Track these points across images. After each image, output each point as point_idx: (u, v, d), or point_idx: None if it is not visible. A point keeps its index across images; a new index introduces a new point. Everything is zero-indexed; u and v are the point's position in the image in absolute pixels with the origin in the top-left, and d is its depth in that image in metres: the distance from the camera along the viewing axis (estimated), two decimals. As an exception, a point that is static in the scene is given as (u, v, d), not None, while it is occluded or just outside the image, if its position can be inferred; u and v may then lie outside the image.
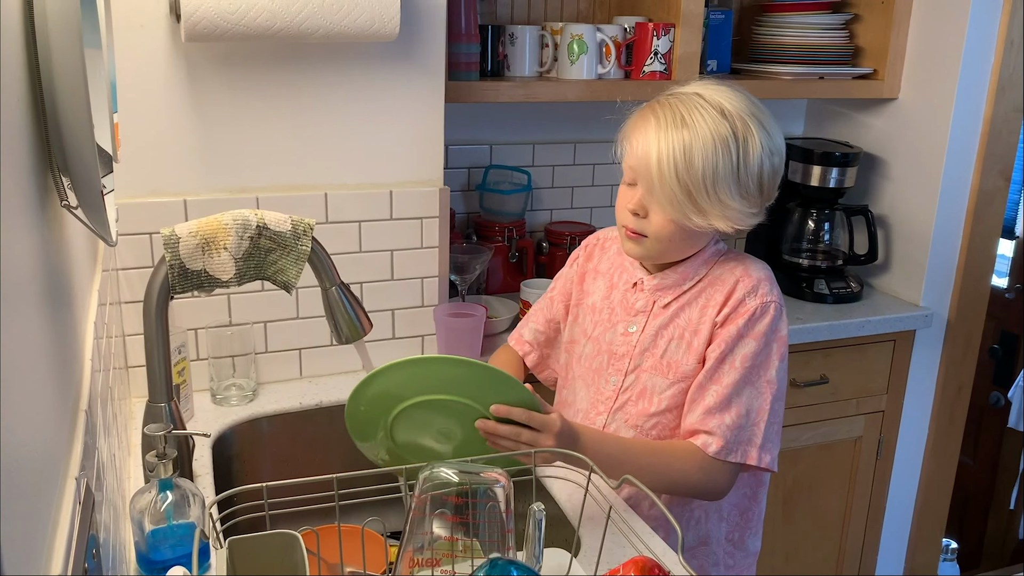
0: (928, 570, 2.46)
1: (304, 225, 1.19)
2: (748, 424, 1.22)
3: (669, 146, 1.16)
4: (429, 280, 1.72)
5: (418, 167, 1.67)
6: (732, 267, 1.27)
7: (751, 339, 1.22)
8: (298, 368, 1.67)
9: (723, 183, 1.16)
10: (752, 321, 1.22)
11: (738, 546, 1.36)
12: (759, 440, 1.22)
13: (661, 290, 1.29)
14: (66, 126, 0.63)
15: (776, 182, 1.23)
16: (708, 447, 1.21)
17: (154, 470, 1.04)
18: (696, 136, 1.15)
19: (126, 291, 1.50)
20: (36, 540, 0.52)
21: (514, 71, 1.97)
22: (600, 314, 1.36)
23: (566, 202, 2.29)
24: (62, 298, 0.74)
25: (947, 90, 2.06)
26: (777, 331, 1.24)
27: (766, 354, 1.23)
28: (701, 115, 1.17)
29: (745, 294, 1.23)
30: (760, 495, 1.36)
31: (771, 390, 1.23)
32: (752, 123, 1.18)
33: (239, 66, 1.50)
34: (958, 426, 2.33)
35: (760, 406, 1.23)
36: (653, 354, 1.28)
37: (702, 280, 1.27)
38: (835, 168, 2.18)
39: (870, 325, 2.09)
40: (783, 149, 1.23)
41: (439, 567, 0.96)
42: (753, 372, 1.22)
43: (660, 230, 1.22)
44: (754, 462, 1.22)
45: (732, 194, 1.17)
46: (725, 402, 1.21)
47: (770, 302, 1.23)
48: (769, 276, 1.26)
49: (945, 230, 2.14)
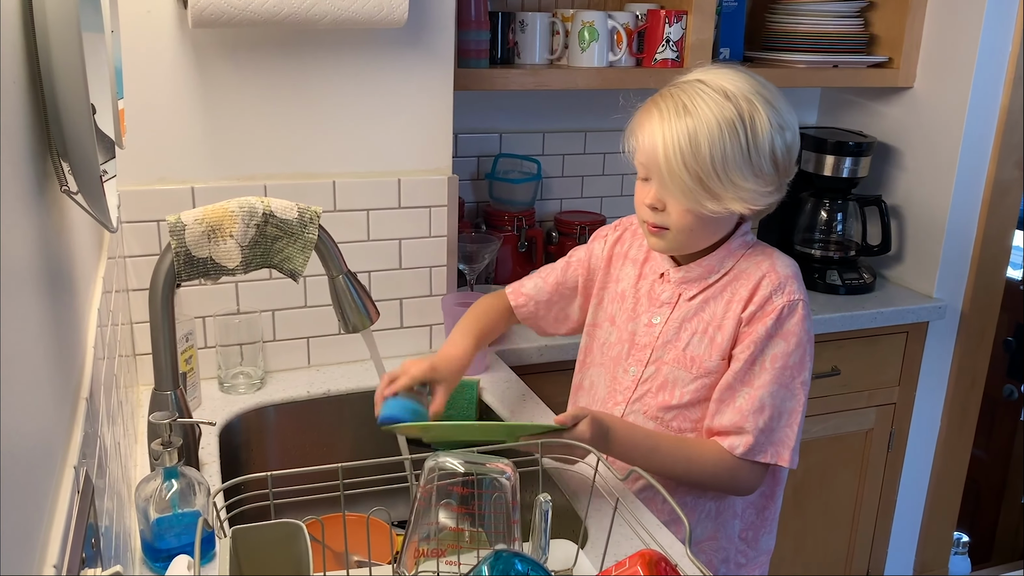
0: (939, 564, 2.44)
1: (311, 213, 1.19)
2: (780, 426, 1.21)
3: (674, 136, 1.14)
4: (437, 269, 1.71)
5: (427, 155, 1.66)
6: (759, 261, 1.25)
7: (780, 339, 1.20)
8: (306, 357, 1.67)
9: (733, 165, 1.14)
10: (780, 320, 1.20)
11: (751, 544, 1.35)
12: (792, 442, 1.22)
13: (687, 283, 1.28)
14: (64, 110, 0.62)
15: (793, 157, 1.20)
16: (735, 448, 1.20)
17: (159, 458, 1.04)
18: (700, 122, 1.14)
19: (133, 279, 1.50)
20: (31, 528, 0.51)
21: (524, 58, 1.95)
22: (626, 302, 1.35)
23: (576, 191, 2.28)
24: (62, 285, 0.74)
25: (963, 79, 2.03)
26: (807, 329, 1.22)
27: (799, 355, 1.21)
28: (703, 100, 1.15)
29: (772, 292, 1.21)
30: (777, 494, 1.34)
31: (805, 392, 1.22)
32: (757, 100, 1.16)
33: (247, 53, 1.49)
34: (971, 419, 2.31)
35: (793, 408, 1.21)
36: (676, 347, 1.27)
37: (728, 273, 1.25)
38: (848, 158, 2.15)
39: (883, 316, 2.07)
40: (795, 124, 1.20)
41: (444, 558, 0.95)
42: (786, 373, 1.21)
43: (680, 221, 1.20)
44: (786, 464, 1.22)
45: (745, 175, 1.15)
46: (758, 404, 1.20)
47: (797, 300, 1.21)
48: (796, 273, 1.24)
49: (960, 221, 2.12)
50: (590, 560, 1.08)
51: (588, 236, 2.13)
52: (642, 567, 0.73)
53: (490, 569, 0.70)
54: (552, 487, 1.27)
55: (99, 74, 0.76)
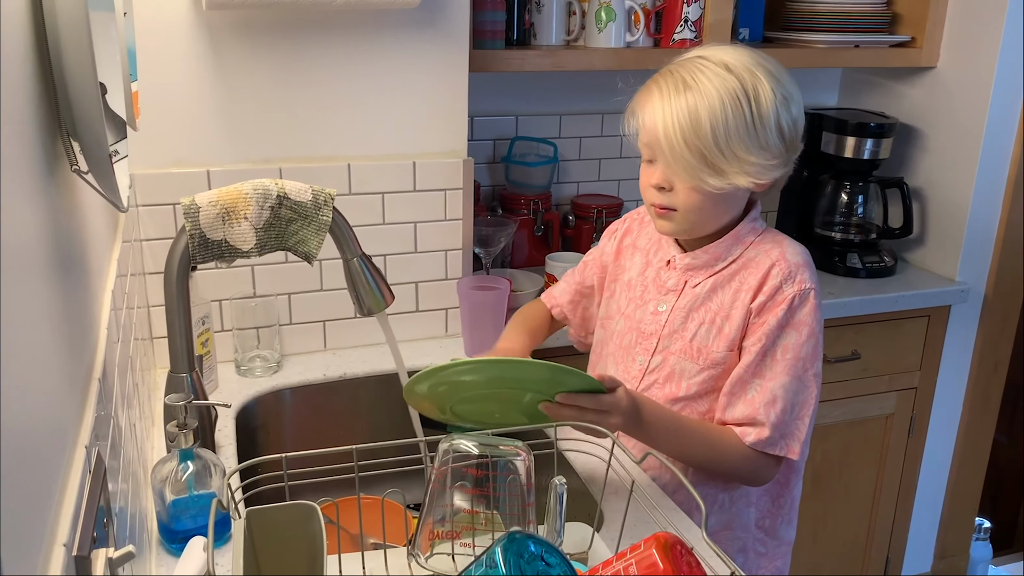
0: (960, 549, 2.42)
1: (325, 195, 1.18)
2: (792, 419, 1.19)
3: (673, 114, 1.13)
4: (453, 253, 1.70)
5: (442, 138, 1.65)
6: (768, 249, 1.22)
7: (792, 329, 1.18)
8: (322, 340, 1.67)
9: (736, 138, 1.12)
10: (792, 310, 1.18)
11: (770, 534, 1.33)
12: (803, 435, 1.20)
13: (693, 269, 1.25)
14: (73, 87, 0.61)
15: (799, 131, 1.18)
16: (747, 436, 1.19)
17: (175, 440, 1.04)
18: (700, 96, 1.12)
19: (150, 262, 1.50)
20: (42, 506, 0.51)
21: (540, 39, 1.94)
22: (634, 291, 1.33)
23: (593, 174, 2.26)
24: (73, 266, 0.73)
25: (988, 58, 1.99)
26: (818, 319, 1.19)
27: (811, 345, 1.19)
28: (704, 75, 1.13)
29: (782, 281, 1.18)
30: (792, 481, 1.32)
31: (817, 383, 1.20)
32: (760, 72, 1.14)
33: (261, 34, 1.49)
34: (993, 404, 2.28)
35: (805, 400, 1.19)
36: (682, 337, 1.24)
37: (736, 261, 1.22)
38: (870, 139, 2.12)
39: (904, 300, 2.04)
40: (799, 98, 1.18)
41: (459, 540, 0.95)
42: (798, 364, 1.18)
43: (687, 201, 1.17)
44: (795, 456, 1.20)
45: (749, 148, 1.13)
46: (770, 396, 1.18)
47: (809, 289, 1.18)
48: (807, 261, 1.21)
49: (983, 203, 2.08)
50: (605, 543, 1.07)
51: (605, 220, 2.14)
52: (657, 550, 0.72)
53: (504, 552, 0.69)
54: (567, 469, 1.26)
55: (109, 54, 0.76)
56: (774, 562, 1.36)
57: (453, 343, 1.72)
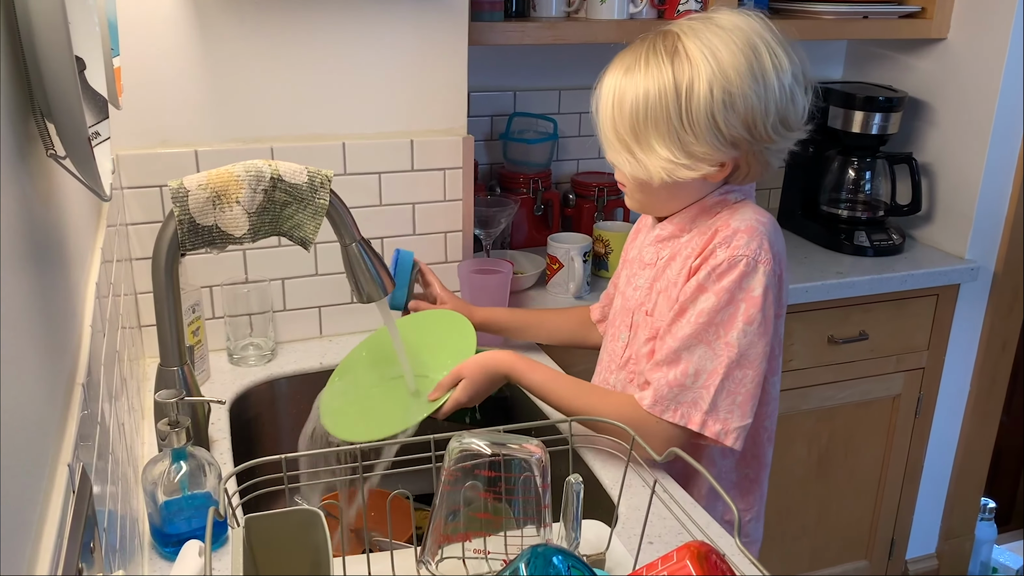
0: (965, 530, 2.40)
1: (321, 177, 1.11)
2: (694, 385, 1.11)
3: (610, 91, 1.15)
4: (453, 235, 1.64)
5: (440, 115, 1.58)
6: (724, 216, 1.15)
7: (711, 294, 1.11)
8: (318, 327, 1.61)
9: (654, 131, 1.11)
10: (716, 274, 1.10)
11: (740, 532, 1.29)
12: (705, 405, 1.11)
13: (661, 241, 1.23)
14: (45, 63, 0.55)
15: (753, 127, 1.10)
16: (643, 400, 1.13)
17: (166, 439, 0.98)
18: (635, 82, 1.11)
19: (136, 247, 1.43)
20: (16, 538, 0.45)
21: (540, 11, 1.86)
22: (631, 267, 1.30)
23: (593, 151, 2.19)
24: (51, 257, 0.67)
25: (1001, 30, 1.93)
26: (747, 289, 1.10)
27: (728, 313, 1.10)
28: (656, 58, 1.11)
29: (718, 244, 1.12)
30: (762, 478, 1.27)
31: (728, 353, 1.10)
32: (743, 55, 1.08)
33: (250, 6, 1.41)
34: (1001, 384, 2.24)
35: (712, 369, 1.11)
36: (647, 308, 1.22)
37: (693, 231, 1.19)
38: (878, 114, 2.06)
39: (912, 279, 1.99)
40: (800, 76, 1.12)
41: (470, 543, 0.90)
42: (710, 330, 1.11)
43: (628, 179, 1.19)
44: (696, 427, 1.11)
45: (666, 143, 1.11)
46: (673, 356, 1.12)
47: (741, 256, 1.10)
48: (752, 228, 1.12)
49: (994, 179, 2.03)
50: (622, 541, 1.02)
51: (606, 198, 2.08)
52: (691, 560, 0.67)
53: (528, 567, 0.64)
54: (579, 463, 1.21)
55: (87, 26, 0.69)
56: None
57: (453, 328, 1.66)
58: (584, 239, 1.85)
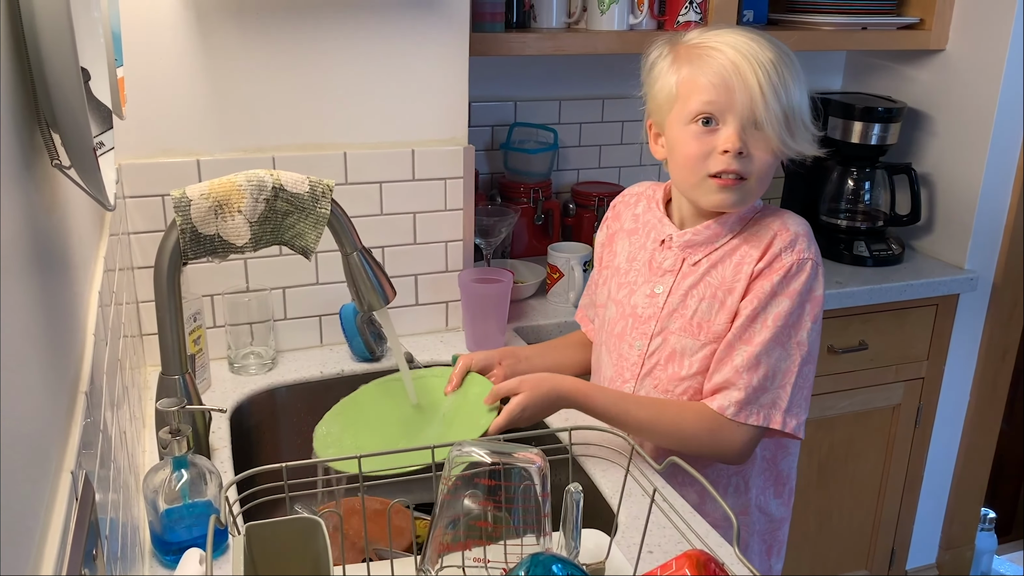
0: (965, 541, 2.40)
1: (323, 186, 1.12)
2: (773, 387, 1.15)
3: (763, 67, 1.10)
4: (453, 244, 1.64)
5: (441, 125, 1.59)
6: (769, 222, 1.19)
7: (785, 297, 1.15)
8: (318, 336, 1.61)
9: (804, 102, 1.14)
10: (788, 278, 1.15)
11: (764, 511, 1.30)
12: (784, 404, 1.15)
13: (691, 247, 1.22)
14: (52, 74, 0.55)
15: None
16: (726, 409, 1.15)
17: (167, 447, 0.99)
18: (780, 52, 1.12)
19: (138, 256, 1.44)
20: (18, 548, 0.45)
21: (541, 22, 1.87)
22: (624, 276, 1.29)
23: (593, 161, 2.20)
24: (55, 267, 0.67)
25: (999, 40, 1.94)
26: (812, 291, 1.16)
27: (799, 314, 1.15)
28: (758, 40, 1.13)
29: (782, 249, 1.15)
30: (780, 457, 1.29)
31: (801, 352, 1.16)
32: None
33: (252, 17, 1.42)
34: (1000, 393, 2.25)
35: (788, 368, 1.15)
36: (682, 315, 1.21)
37: (737, 236, 1.19)
38: (877, 124, 2.07)
39: (912, 289, 2.00)
40: None
41: (470, 552, 0.90)
42: (784, 332, 1.15)
43: (762, 167, 1.15)
44: (778, 426, 1.15)
45: (808, 115, 1.15)
46: (753, 362, 1.14)
47: (807, 259, 1.15)
48: (807, 232, 1.18)
49: (993, 189, 2.04)
50: (621, 550, 1.02)
51: (606, 208, 2.08)
52: (690, 569, 0.67)
53: (527, 574, 0.64)
54: (579, 472, 1.22)
55: (92, 37, 0.70)
56: (767, 540, 1.32)
57: (454, 337, 1.67)
58: (584, 248, 1.85)
